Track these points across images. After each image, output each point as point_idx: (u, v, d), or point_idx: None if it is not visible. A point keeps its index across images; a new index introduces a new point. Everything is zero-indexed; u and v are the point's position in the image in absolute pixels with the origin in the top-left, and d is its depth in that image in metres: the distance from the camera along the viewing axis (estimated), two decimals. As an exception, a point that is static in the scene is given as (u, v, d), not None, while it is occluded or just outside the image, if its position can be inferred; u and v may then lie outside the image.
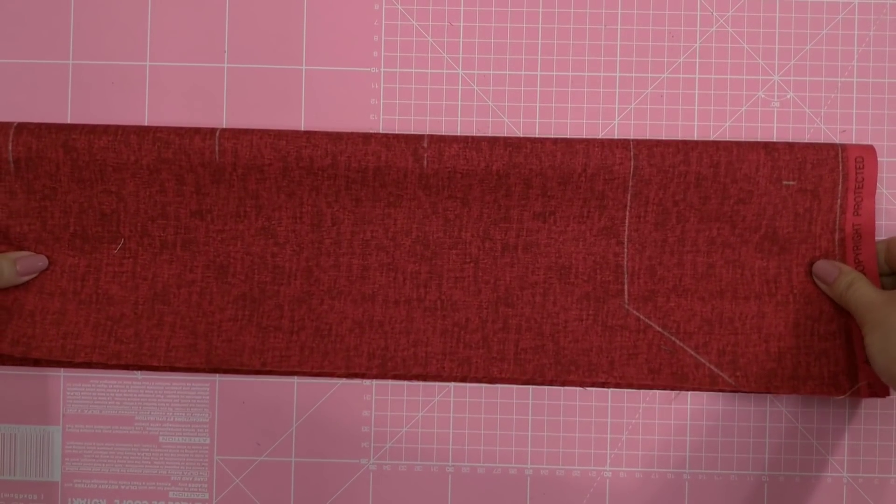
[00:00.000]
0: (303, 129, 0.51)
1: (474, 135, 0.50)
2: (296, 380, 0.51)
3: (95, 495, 0.51)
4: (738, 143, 0.49)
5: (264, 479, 0.51)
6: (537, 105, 0.51)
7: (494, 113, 0.51)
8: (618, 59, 0.51)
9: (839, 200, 0.49)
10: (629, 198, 0.49)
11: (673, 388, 0.50)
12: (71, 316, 0.50)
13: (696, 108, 0.51)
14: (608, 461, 0.51)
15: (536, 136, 0.50)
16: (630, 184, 0.49)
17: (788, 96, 0.51)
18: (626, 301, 0.50)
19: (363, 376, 0.51)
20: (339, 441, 0.51)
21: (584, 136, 0.50)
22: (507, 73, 0.51)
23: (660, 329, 0.50)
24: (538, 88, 0.51)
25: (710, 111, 0.50)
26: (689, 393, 0.50)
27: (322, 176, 0.49)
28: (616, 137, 0.50)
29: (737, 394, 0.50)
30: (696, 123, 0.50)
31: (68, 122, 0.51)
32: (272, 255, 0.50)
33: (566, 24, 0.51)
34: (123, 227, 0.50)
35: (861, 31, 0.51)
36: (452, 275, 0.50)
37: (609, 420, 0.51)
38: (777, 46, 0.51)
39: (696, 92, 0.51)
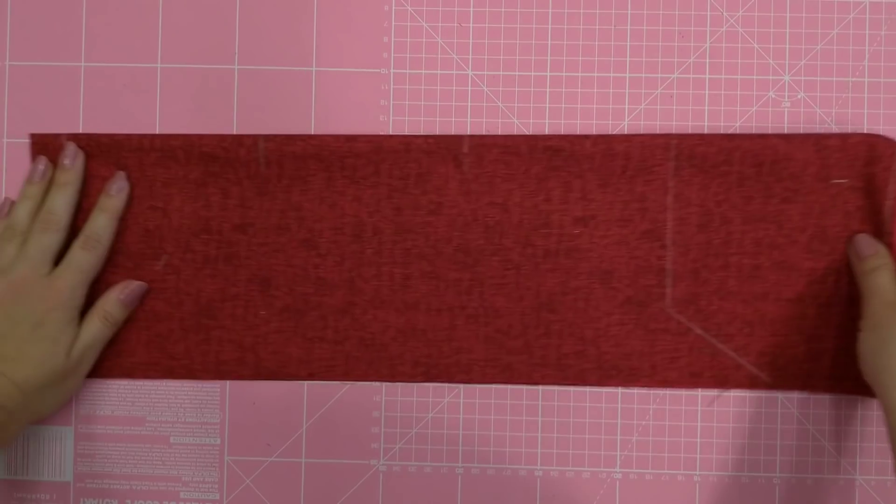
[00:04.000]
0: (313, 130, 0.51)
1: (513, 134, 0.50)
2: (305, 381, 0.51)
3: (107, 495, 0.51)
4: (787, 139, 0.48)
5: (275, 479, 0.51)
6: (547, 106, 0.51)
7: (504, 114, 0.51)
8: (627, 59, 0.51)
9: (891, 201, 0.48)
10: (670, 199, 0.49)
11: (713, 389, 0.50)
12: (122, 334, 0.50)
13: (706, 108, 0.50)
14: (618, 463, 0.50)
15: (576, 133, 0.50)
16: (670, 185, 0.49)
17: (799, 96, 0.50)
18: (668, 304, 0.50)
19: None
20: (349, 442, 0.51)
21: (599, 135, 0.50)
22: (517, 73, 0.51)
23: (700, 332, 0.50)
24: (548, 89, 0.51)
25: (720, 111, 0.50)
26: (700, 393, 0.50)
27: (364, 185, 0.50)
28: (658, 133, 0.50)
29: (747, 395, 0.50)
30: (706, 124, 0.50)
31: (80, 124, 0.51)
32: (314, 266, 0.50)
33: (575, 24, 0.51)
34: (166, 244, 0.50)
35: (872, 30, 0.50)
36: (494, 282, 0.50)
37: (619, 421, 0.50)
38: (787, 46, 0.50)
39: (707, 92, 0.50)
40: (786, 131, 0.50)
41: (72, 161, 0.49)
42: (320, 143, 0.49)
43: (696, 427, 0.50)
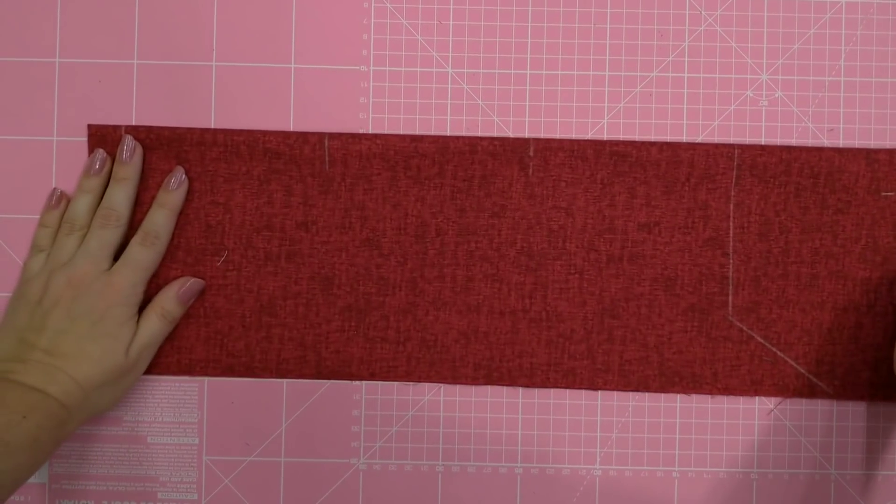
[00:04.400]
0: (291, 128, 0.50)
1: (580, 139, 0.50)
2: (285, 379, 0.51)
3: (83, 496, 0.50)
4: (840, 152, 0.49)
5: (253, 479, 0.51)
6: (527, 104, 0.51)
7: (484, 112, 0.51)
8: (607, 57, 0.51)
9: None
10: (732, 208, 0.50)
11: (774, 397, 0.51)
12: (181, 330, 0.50)
13: (684, 107, 0.51)
14: (598, 459, 0.51)
15: (642, 140, 0.50)
16: (732, 193, 0.49)
17: (777, 95, 0.51)
18: (730, 312, 0.50)
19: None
20: (328, 441, 0.51)
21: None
22: (497, 71, 0.51)
23: (762, 340, 0.50)
24: (528, 87, 0.51)
25: (698, 110, 0.51)
26: (678, 394, 0.51)
27: (428, 185, 0.50)
28: (722, 142, 0.50)
29: (725, 393, 0.51)
30: (684, 122, 0.51)
31: (55, 120, 0.50)
32: (377, 266, 0.50)
33: (555, 22, 0.51)
34: (228, 239, 0.50)
35: (848, 30, 0.51)
36: (557, 286, 0.50)
37: (599, 418, 0.51)
38: (765, 45, 0.51)
39: (685, 91, 0.51)
40: (763, 130, 0.51)
41: (130, 155, 0.49)
42: (385, 143, 0.49)
43: (675, 424, 0.51)
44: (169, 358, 0.50)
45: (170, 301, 0.49)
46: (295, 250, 0.50)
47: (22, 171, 0.51)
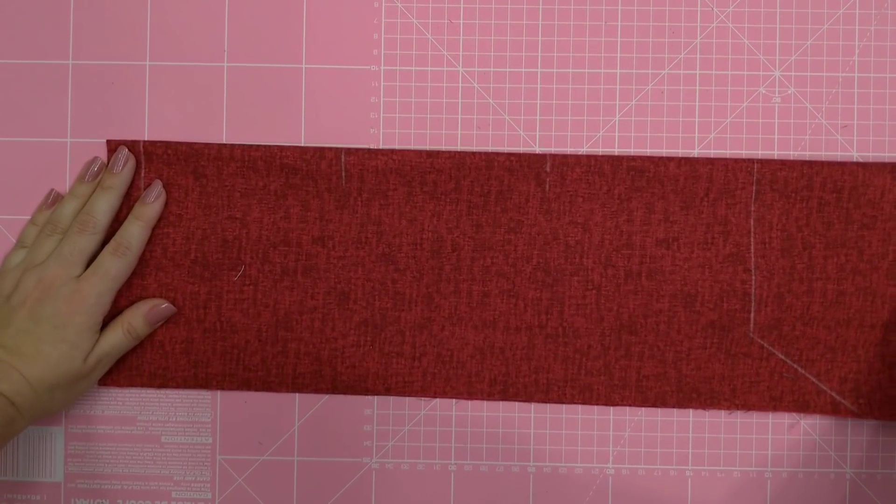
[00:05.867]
0: (303, 127, 0.51)
1: (597, 154, 0.50)
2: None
3: (98, 495, 0.51)
4: (864, 167, 0.49)
5: (267, 478, 0.51)
6: (538, 102, 0.51)
7: (495, 110, 0.51)
8: (618, 55, 0.51)
9: None
10: (752, 223, 0.49)
11: (794, 414, 0.50)
12: (198, 344, 0.50)
13: (696, 104, 0.50)
14: (611, 458, 0.51)
15: (659, 155, 0.50)
16: (752, 209, 0.49)
17: (789, 91, 0.50)
18: (752, 329, 0.50)
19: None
20: (341, 440, 0.51)
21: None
22: (508, 70, 0.51)
23: (783, 357, 0.50)
24: (539, 85, 0.50)
25: (710, 107, 0.50)
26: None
27: (444, 201, 0.50)
28: (741, 157, 0.50)
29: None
30: (696, 120, 0.50)
31: (69, 122, 0.51)
32: (392, 281, 0.50)
33: (566, 20, 0.51)
34: (244, 254, 0.50)
35: (862, 25, 0.50)
36: (574, 302, 0.50)
37: (611, 417, 0.51)
38: (778, 42, 0.50)
39: (697, 88, 0.50)
40: (776, 126, 0.50)
41: (121, 167, 0.49)
42: (402, 158, 0.49)
43: (687, 422, 0.50)
44: (186, 372, 0.50)
45: (138, 319, 0.49)
46: (311, 265, 0.50)
47: (36, 172, 0.51)
